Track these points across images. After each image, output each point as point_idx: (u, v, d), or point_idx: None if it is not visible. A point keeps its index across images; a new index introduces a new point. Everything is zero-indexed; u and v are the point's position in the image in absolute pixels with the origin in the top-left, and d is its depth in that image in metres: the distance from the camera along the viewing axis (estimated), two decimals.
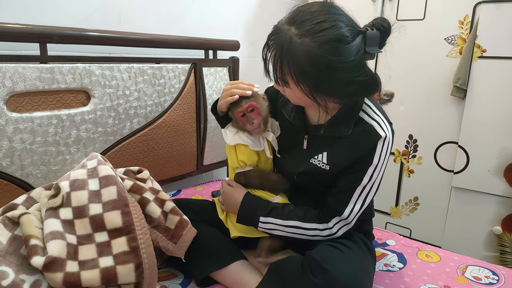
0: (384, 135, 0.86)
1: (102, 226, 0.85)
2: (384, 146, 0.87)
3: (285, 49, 0.78)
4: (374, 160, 0.87)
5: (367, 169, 0.88)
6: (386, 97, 1.98)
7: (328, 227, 0.93)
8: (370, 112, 0.89)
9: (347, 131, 0.88)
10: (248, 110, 0.97)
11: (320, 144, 0.95)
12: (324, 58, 0.76)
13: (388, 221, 2.09)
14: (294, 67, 0.78)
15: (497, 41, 1.59)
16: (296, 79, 0.80)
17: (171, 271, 1.03)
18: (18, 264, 0.77)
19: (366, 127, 0.87)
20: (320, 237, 0.94)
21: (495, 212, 1.70)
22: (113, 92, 1.26)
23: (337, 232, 0.93)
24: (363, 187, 0.90)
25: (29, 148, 1.08)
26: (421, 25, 1.82)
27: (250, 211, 0.96)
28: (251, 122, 0.97)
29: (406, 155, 1.97)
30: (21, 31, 1.04)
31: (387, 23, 0.82)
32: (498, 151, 1.65)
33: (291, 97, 0.90)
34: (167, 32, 1.50)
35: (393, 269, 1.07)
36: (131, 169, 1.11)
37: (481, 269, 1.08)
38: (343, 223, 0.93)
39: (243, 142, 1.00)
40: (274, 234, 0.96)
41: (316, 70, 0.78)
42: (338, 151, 0.91)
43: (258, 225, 0.95)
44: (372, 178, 0.89)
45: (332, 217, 0.93)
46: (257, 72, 1.95)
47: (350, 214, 0.91)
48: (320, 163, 0.94)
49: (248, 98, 0.97)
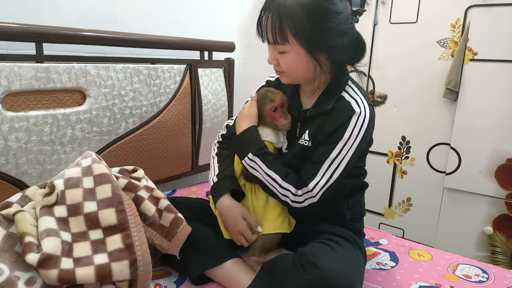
0: (358, 111, 0.89)
1: (96, 224, 0.85)
2: (358, 122, 0.89)
3: (282, 7, 0.85)
4: (346, 134, 0.89)
5: (337, 142, 0.90)
6: (379, 99, 2.01)
7: (297, 194, 0.94)
8: (351, 92, 0.94)
9: (328, 106, 0.93)
10: (280, 105, 1.00)
11: (306, 125, 0.99)
12: (320, 6, 0.84)
13: (381, 221, 2.11)
14: (293, 22, 0.84)
15: (488, 44, 1.62)
16: (296, 33, 0.85)
17: (166, 269, 1.04)
18: (13, 261, 0.77)
19: (343, 103, 0.92)
20: (288, 200, 0.95)
21: (486, 212, 1.73)
22: (108, 92, 1.27)
23: (303, 202, 0.94)
24: (331, 161, 0.91)
25: (24, 147, 1.08)
26: (413, 28, 1.85)
27: (245, 143, 0.99)
28: (285, 117, 1.00)
29: (399, 156, 1.99)
30: (17, 31, 1.05)
31: None
32: (489, 152, 1.67)
33: (286, 65, 0.92)
34: (163, 33, 1.51)
35: (385, 267, 1.09)
36: (126, 168, 1.12)
37: (471, 268, 1.10)
38: (309, 195, 0.93)
39: (269, 139, 1.02)
40: (253, 174, 0.98)
41: (313, 20, 0.84)
42: (317, 126, 0.95)
43: (244, 159, 0.98)
44: (341, 153, 0.90)
45: (299, 188, 0.94)
46: (252, 73, 1.97)
47: (314, 187, 0.92)
48: (303, 141, 0.97)
49: (274, 93, 1.01)
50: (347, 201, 1.02)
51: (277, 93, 1.02)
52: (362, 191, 1.08)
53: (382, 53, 1.97)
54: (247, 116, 1.02)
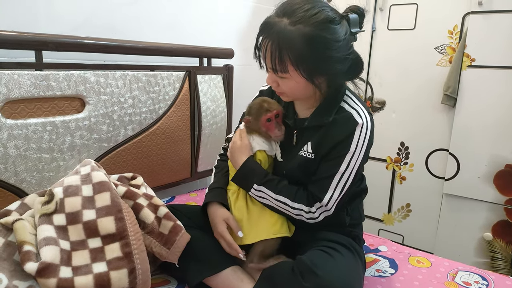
0: (361, 122, 0.90)
1: (95, 232, 0.85)
2: (361, 133, 0.90)
3: (282, 37, 0.84)
4: (352, 146, 0.90)
5: (344, 155, 0.91)
6: (378, 105, 2.01)
7: (311, 211, 0.96)
8: (350, 102, 0.95)
9: (328, 118, 0.93)
10: (275, 116, 1.00)
11: (306, 135, 0.99)
12: (320, 37, 0.83)
13: (381, 227, 2.10)
14: (293, 52, 0.84)
15: (485, 51, 1.63)
16: (296, 63, 0.85)
17: (165, 277, 1.03)
18: (12, 270, 0.77)
19: (345, 115, 0.92)
20: (303, 219, 0.97)
21: (486, 218, 1.73)
22: (107, 99, 1.27)
23: (318, 217, 0.96)
24: (341, 174, 0.92)
25: (23, 155, 1.08)
26: (411, 34, 1.86)
27: (247, 175, 0.99)
28: (280, 128, 1.01)
29: (398, 162, 1.99)
30: (17, 39, 1.05)
31: (361, 9, 0.92)
32: (488, 158, 1.68)
33: (286, 88, 0.93)
34: (162, 40, 1.52)
35: (385, 274, 1.09)
36: (125, 175, 1.12)
37: (471, 275, 1.10)
38: (323, 209, 0.95)
39: (262, 148, 1.03)
40: (263, 203, 0.99)
41: (313, 51, 0.84)
42: (320, 138, 0.95)
43: (251, 191, 0.98)
44: (349, 165, 0.92)
45: (313, 204, 0.95)
46: (251, 79, 1.98)
47: (329, 201, 0.93)
48: (306, 153, 0.97)
49: (270, 103, 1.02)
50: (347, 207, 1.03)
51: (273, 104, 1.02)
52: (361, 196, 1.09)
53: (380, 59, 1.98)
54: (241, 149, 1.03)
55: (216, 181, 1.11)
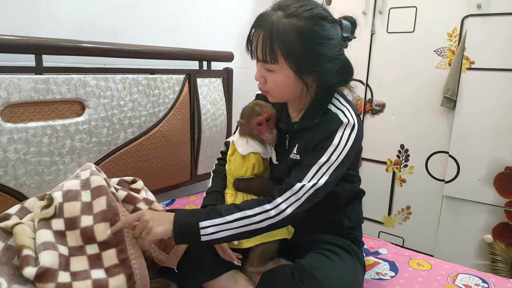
0: (346, 121, 0.89)
1: (92, 239, 0.85)
2: (346, 130, 0.89)
3: (275, 27, 0.85)
4: (335, 140, 0.88)
5: (326, 148, 0.88)
6: (377, 107, 2.01)
7: (275, 204, 0.86)
8: (337, 103, 0.94)
9: (314, 120, 0.93)
10: (266, 119, 1.00)
11: (296, 138, 0.98)
12: (313, 31, 0.85)
13: (381, 230, 2.10)
14: (284, 43, 0.84)
15: (484, 53, 1.63)
16: (286, 54, 0.85)
17: (164, 282, 1.03)
18: (11, 274, 0.77)
19: (331, 115, 0.92)
20: (271, 221, 0.85)
21: (486, 220, 1.72)
22: (107, 102, 1.27)
23: (286, 209, 0.85)
24: (320, 165, 0.88)
25: (23, 158, 1.08)
26: (411, 37, 1.86)
27: (187, 222, 0.85)
28: (270, 132, 1.00)
29: (398, 165, 1.99)
30: (17, 43, 1.06)
31: (353, 18, 0.94)
32: (488, 160, 1.68)
33: (273, 85, 0.92)
34: (162, 44, 1.53)
35: (385, 277, 1.08)
36: (125, 179, 1.12)
37: (471, 277, 1.10)
38: (293, 198, 0.86)
39: (256, 150, 1.02)
40: (221, 237, 0.84)
41: (305, 44, 0.85)
42: (305, 140, 0.94)
43: (200, 234, 0.83)
44: (330, 158, 0.87)
45: (282, 193, 0.87)
46: (250, 82, 1.98)
47: (301, 189, 0.86)
48: (294, 155, 0.97)
49: (262, 106, 1.01)
50: (345, 209, 1.02)
51: (265, 107, 1.02)
52: (359, 198, 1.08)
53: (380, 62, 1.98)
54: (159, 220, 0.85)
55: (213, 185, 1.11)
